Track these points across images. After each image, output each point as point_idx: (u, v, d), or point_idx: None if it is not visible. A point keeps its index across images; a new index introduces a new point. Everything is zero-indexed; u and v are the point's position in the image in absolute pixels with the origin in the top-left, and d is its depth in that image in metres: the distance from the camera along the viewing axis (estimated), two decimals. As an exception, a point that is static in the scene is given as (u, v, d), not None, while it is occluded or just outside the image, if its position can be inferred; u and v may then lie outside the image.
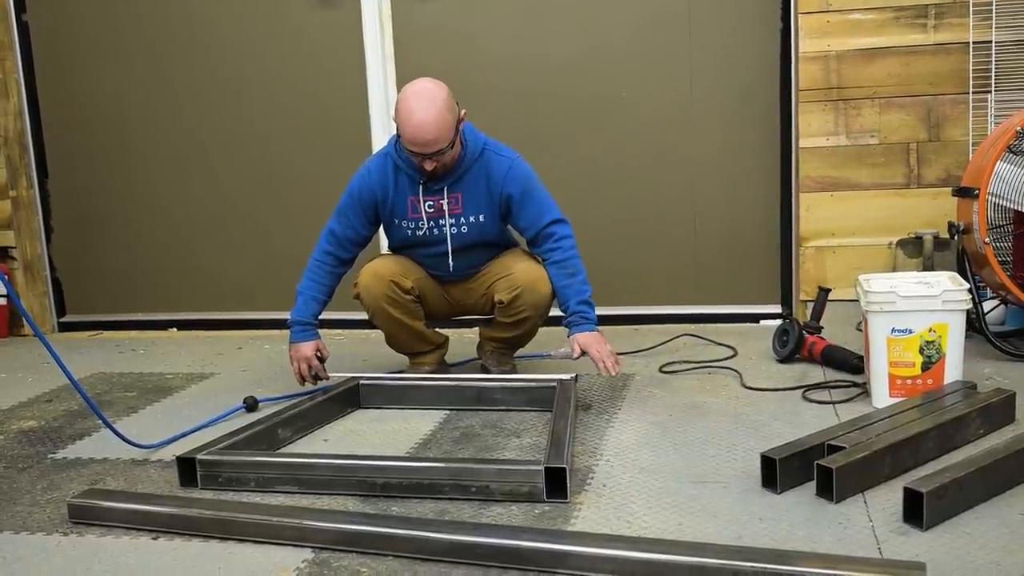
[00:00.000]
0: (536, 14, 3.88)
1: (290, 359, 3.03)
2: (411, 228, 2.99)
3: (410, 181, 2.94)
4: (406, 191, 2.95)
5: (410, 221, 2.98)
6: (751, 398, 2.84)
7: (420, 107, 2.72)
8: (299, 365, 3.00)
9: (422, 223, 2.97)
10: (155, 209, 4.32)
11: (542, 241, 2.96)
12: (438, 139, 2.75)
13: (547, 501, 2.14)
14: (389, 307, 3.00)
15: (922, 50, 3.53)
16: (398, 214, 2.99)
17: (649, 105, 3.85)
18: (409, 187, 2.95)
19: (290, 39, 4.07)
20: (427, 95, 2.74)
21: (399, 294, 2.99)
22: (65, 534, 2.12)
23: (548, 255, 2.95)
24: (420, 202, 2.96)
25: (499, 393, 2.88)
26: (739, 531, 1.95)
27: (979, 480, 1.99)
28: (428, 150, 2.76)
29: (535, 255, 3.02)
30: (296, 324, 3.01)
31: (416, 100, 2.74)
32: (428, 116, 2.72)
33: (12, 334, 4.37)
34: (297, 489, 2.28)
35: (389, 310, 3.00)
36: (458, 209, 2.95)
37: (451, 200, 2.94)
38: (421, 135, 2.73)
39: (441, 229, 2.98)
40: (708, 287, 3.91)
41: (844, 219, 3.66)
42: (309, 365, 3.00)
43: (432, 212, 2.96)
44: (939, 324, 2.60)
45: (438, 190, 2.94)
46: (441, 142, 2.76)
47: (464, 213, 2.96)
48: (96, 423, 2.86)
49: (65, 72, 4.31)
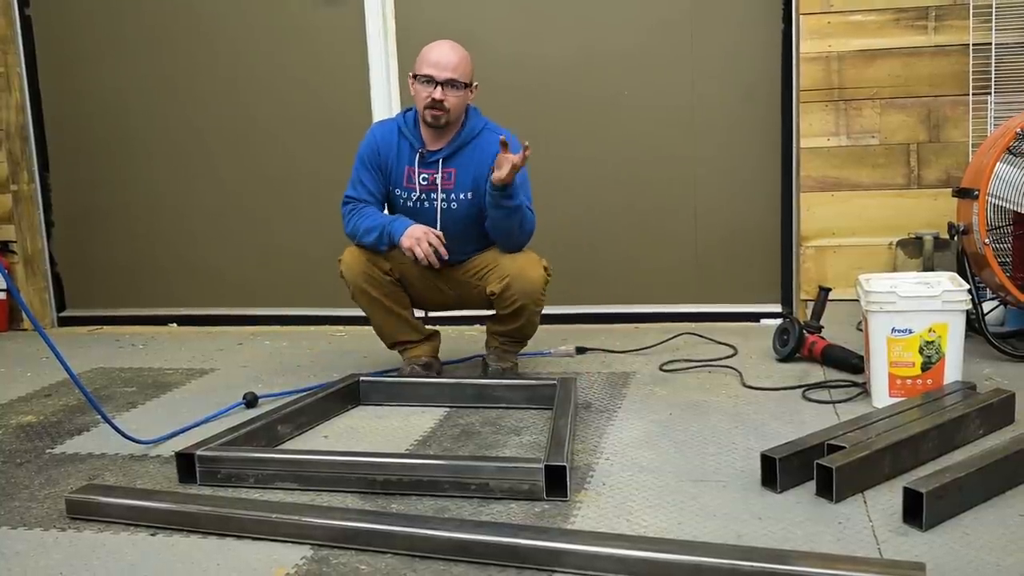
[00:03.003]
0: (539, 13, 3.88)
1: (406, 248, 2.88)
2: (403, 198, 3.04)
3: (410, 149, 3.01)
4: (404, 159, 3.02)
5: (403, 191, 3.03)
6: (751, 397, 2.84)
7: (449, 43, 2.97)
8: (421, 246, 2.86)
9: (414, 194, 3.01)
10: (156, 204, 4.32)
11: None
12: (457, 66, 2.91)
13: (547, 499, 2.13)
14: (368, 286, 3.00)
15: (923, 51, 3.53)
16: (394, 181, 3.04)
17: (651, 105, 3.85)
18: (408, 155, 3.02)
19: (293, 36, 4.07)
20: (457, 44, 2.98)
21: (376, 273, 3.00)
22: (63, 530, 2.11)
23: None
24: (415, 173, 3.00)
25: (499, 390, 2.88)
26: (739, 530, 1.95)
27: (979, 480, 1.99)
28: (444, 73, 2.89)
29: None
30: (391, 223, 2.94)
31: (446, 41, 2.98)
32: (454, 48, 2.95)
33: (12, 328, 4.36)
34: (296, 486, 2.27)
35: (368, 289, 3.01)
36: (450, 184, 3.00)
37: (444, 175, 2.99)
38: (444, 56, 2.91)
39: (431, 203, 3.01)
40: (709, 286, 3.91)
41: (844, 219, 3.66)
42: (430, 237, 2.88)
43: (425, 185, 3.00)
44: (939, 324, 2.60)
45: (433, 162, 2.99)
46: (459, 72, 2.91)
47: (455, 189, 3.00)
48: (95, 418, 2.86)
49: (67, 67, 4.30)
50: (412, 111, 3.06)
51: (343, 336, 3.94)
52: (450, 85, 2.91)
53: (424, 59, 2.95)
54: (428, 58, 2.94)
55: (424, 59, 2.95)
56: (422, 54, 2.96)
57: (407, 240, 2.90)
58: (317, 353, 3.67)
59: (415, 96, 2.98)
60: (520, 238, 2.99)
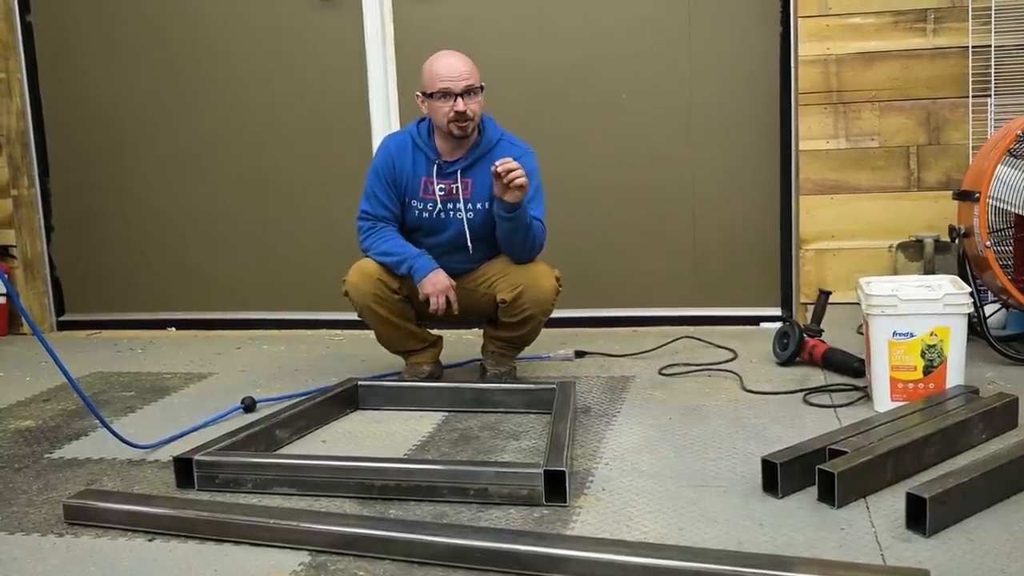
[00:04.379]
0: (537, 17, 3.87)
1: (425, 295, 2.90)
2: (420, 208, 3.01)
3: (427, 161, 2.99)
4: (421, 170, 2.99)
5: (421, 202, 3.00)
6: (751, 401, 2.83)
7: (449, 52, 2.92)
8: (439, 298, 2.89)
9: (432, 204, 2.99)
10: (155, 209, 4.31)
11: None
12: (471, 71, 2.88)
13: (546, 504, 2.12)
14: (376, 305, 2.99)
15: (922, 54, 3.53)
16: (411, 192, 3.01)
17: (649, 108, 3.84)
18: (425, 167, 2.99)
19: (291, 41, 4.06)
20: (452, 50, 2.95)
21: (386, 292, 2.98)
22: (60, 535, 2.10)
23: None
24: (433, 183, 2.98)
25: (498, 395, 2.87)
26: (739, 536, 1.94)
27: (982, 486, 1.98)
28: (461, 81, 2.85)
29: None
30: (415, 258, 2.93)
31: (444, 51, 2.94)
32: (458, 55, 2.91)
33: (11, 332, 4.35)
34: (294, 491, 2.26)
35: (376, 308, 2.99)
36: (468, 194, 2.98)
37: (463, 185, 2.97)
38: (453, 67, 2.87)
39: (449, 213, 2.99)
40: (708, 289, 3.90)
41: (844, 222, 3.65)
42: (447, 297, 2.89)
43: (443, 195, 2.97)
44: (941, 328, 2.59)
45: (451, 173, 2.97)
46: (473, 76, 2.88)
47: (473, 199, 2.98)
48: (93, 423, 2.85)
49: (68, 73, 4.30)
50: (426, 122, 3.02)
51: (341, 340, 3.93)
52: (469, 93, 2.86)
53: (434, 75, 2.87)
54: (438, 73, 2.87)
55: (434, 75, 2.87)
56: (430, 71, 2.89)
57: (429, 287, 2.89)
58: (315, 357, 3.66)
59: (432, 113, 2.91)
60: (530, 251, 2.96)
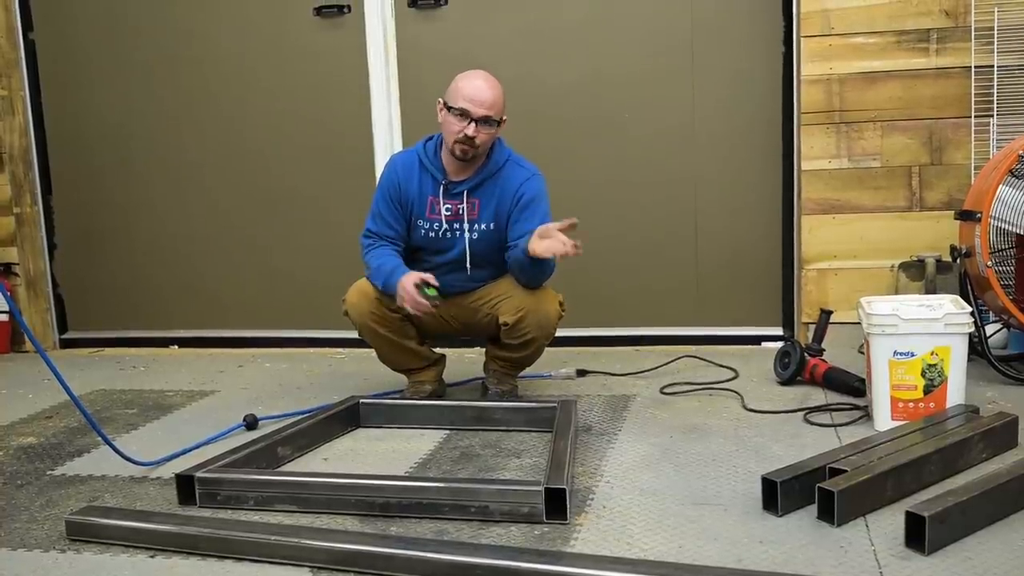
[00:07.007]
0: (540, 37, 3.89)
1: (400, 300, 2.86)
2: (426, 228, 3.01)
3: (433, 181, 2.99)
4: (428, 190, 3.00)
5: (426, 221, 3.01)
6: (752, 420, 2.83)
7: (484, 76, 2.91)
8: (407, 301, 2.84)
9: (438, 224, 2.99)
10: (158, 227, 4.33)
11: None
12: (495, 103, 2.87)
13: (547, 522, 2.12)
14: (375, 325, 3.00)
15: (924, 74, 3.54)
16: (416, 212, 3.01)
17: (651, 127, 3.86)
18: (431, 187, 2.99)
19: (294, 59, 4.09)
20: (491, 76, 2.92)
21: (385, 312, 2.98)
22: (63, 551, 2.11)
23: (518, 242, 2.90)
24: (440, 203, 2.98)
25: (499, 413, 2.87)
26: (739, 554, 1.94)
27: (982, 504, 1.98)
28: (480, 110, 2.84)
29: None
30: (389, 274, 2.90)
31: (481, 72, 2.92)
32: (491, 83, 2.90)
33: (14, 350, 4.37)
34: (296, 508, 2.27)
35: (375, 327, 3.00)
36: (474, 215, 2.98)
37: (469, 205, 2.97)
38: (481, 92, 2.85)
39: (454, 233, 3.00)
40: (709, 309, 3.91)
41: (846, 242, 3.66)
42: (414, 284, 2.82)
43: (449, 215, 2.98)
44: (941, 347, 2.60)
45: (458, 193, 2.97)
46: (495, 109, 2.87)
47: (479, 220, 2.99)
48: (96, 440, 2.85)
49: (70, 90, 4.33)
50: (433, 140, 3.03)
51: (343, 358, 3.94)
52: (484, 122, 2.85)
53: (460, 91, 2.86)
54: (464, 91, 2.85)
55: (460, 91, 2.86)
56: (457, 84, 2.88)
57: (398, 298, 2.87)
58: (317, 375, 3.67)
59: (444, 125, 2.91)
60: (538, 281, 2.95)
